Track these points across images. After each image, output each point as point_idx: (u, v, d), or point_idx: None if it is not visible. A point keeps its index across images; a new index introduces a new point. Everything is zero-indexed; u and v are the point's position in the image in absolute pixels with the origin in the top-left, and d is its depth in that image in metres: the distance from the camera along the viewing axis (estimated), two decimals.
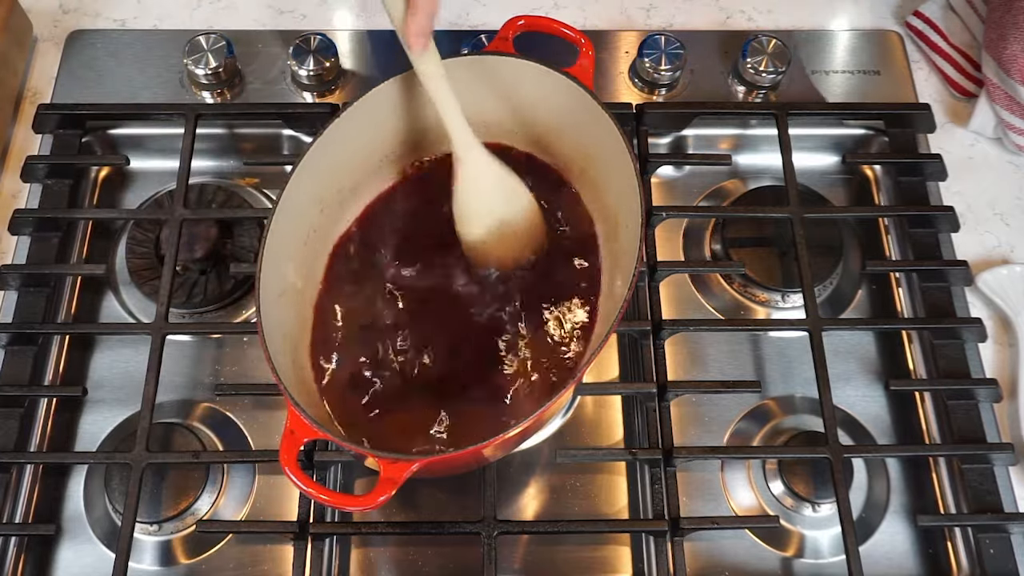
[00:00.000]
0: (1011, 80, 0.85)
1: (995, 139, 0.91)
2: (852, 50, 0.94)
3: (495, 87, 0.72)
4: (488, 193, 0.69)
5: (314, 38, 0.89)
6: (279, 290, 0.66)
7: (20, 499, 0.76)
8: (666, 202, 0.89)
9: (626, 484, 0.78)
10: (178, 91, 0.91)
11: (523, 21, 0.71)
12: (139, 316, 0.84)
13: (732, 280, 0.86)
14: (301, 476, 0.58)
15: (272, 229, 0.65)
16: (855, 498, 0.76)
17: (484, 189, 0.69)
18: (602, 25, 0.96)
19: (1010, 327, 0.82)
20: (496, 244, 0.70)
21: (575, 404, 0.81)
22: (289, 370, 0.64)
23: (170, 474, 0.75)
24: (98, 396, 0.81)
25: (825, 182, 0.91)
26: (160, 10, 0.96)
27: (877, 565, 0.75)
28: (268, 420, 0.80)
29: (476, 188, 0.68)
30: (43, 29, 0.96)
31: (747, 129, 0.91)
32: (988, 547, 0.73)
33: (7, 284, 0.81)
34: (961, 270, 0.82)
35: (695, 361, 0.83)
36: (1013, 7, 0.84)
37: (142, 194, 0.89)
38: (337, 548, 0.75)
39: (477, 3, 0.97)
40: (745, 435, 0.80)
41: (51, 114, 0.87)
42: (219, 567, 0.75)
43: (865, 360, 0.83)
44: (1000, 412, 0.79)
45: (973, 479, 0.75)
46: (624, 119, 0.87)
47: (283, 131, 0.90)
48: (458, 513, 0.75)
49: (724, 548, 0.76)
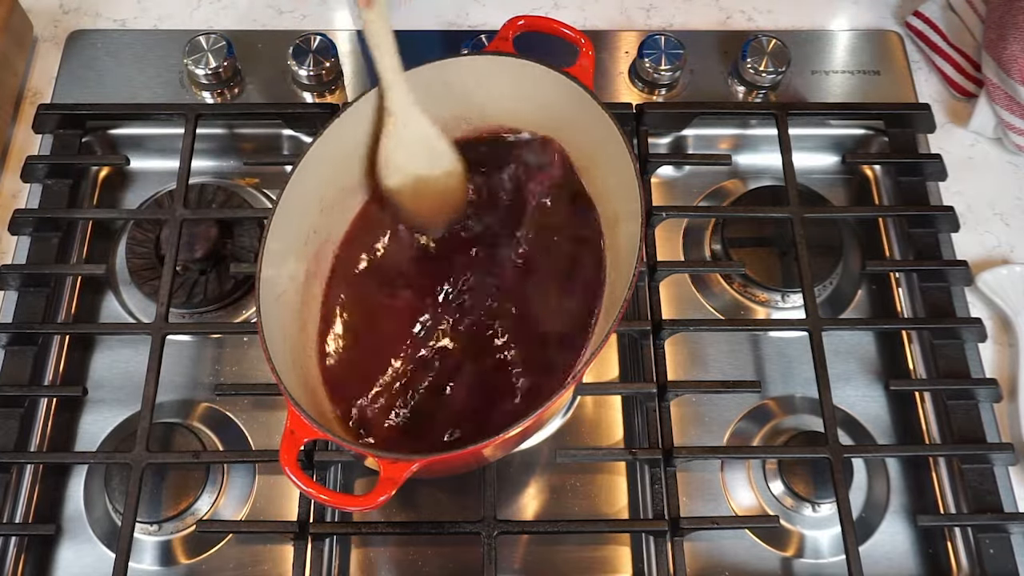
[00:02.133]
0: (1011, 80, 0.85)
1: (995, 139, 0.91)
2: (852, 50, 0.94)
3: (495, 87, 0.71)
4: (413, 150, 0.70)
5: (314, 38, 0.89)
6: (279, 290, 0.66)
7: (20, 499, 0.76)
8: (666, 202, 0.89)
9: (626, 484, 0.78)
10: (178, 91, 0.91)
11: (523, 21, 0.71)
12: (139, 316, 0.84)
13: (732, 280, 0.86)
14: (301, 476, 0.58)
15: (272, 229, 0.65)
16: (855, 498, 0.76)
17: (410, 145, 0.70)
18: (602, 25, 0.96)
19: (1010, 327, 0.82)
20: (412, 197, 0.72)
21: (575, 404, 0.81)
22: (289, 370, 0.64)
23: (170, 474, 0.75)
24: (98, 396, 0.81)
25: (825, 182, 0.91)
26: (160, 10, 0.96)
27: (877, 565, 0.75)
28: (268, 420, 0.80)
29: (402, 143, 0.70)
30: (43, 29, 0.96)
31: (747, 129, 0.91)
32: (988, 547, 0.73)
33: (7, 284, 0.81)
34: (961, 270, 0.82)
35: (695, 361, 0.83)
36: (1013, 7, 0.84)
37: (142, 194, 0.89)
38: (337, 548, 0.75)
39: (477, 3, 0.97)
40: (745, 435, 0.80)
41: (51, 114, 0.87)
42: (219, 567, 0.75)
43: (865, 360, 0.83)
44: (1000, 412, 0.79)
45: (973, 479, 0.75)
46: (624, 119, 0.87)
47: (283, 131, 0.90)
48: (458, 513, 0.75)
49: (724, 548, 0.76)
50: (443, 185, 0.72)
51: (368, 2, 0.65)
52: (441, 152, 0.71)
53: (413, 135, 0.70)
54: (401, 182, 0.72)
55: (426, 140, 0.70)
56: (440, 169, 0.72)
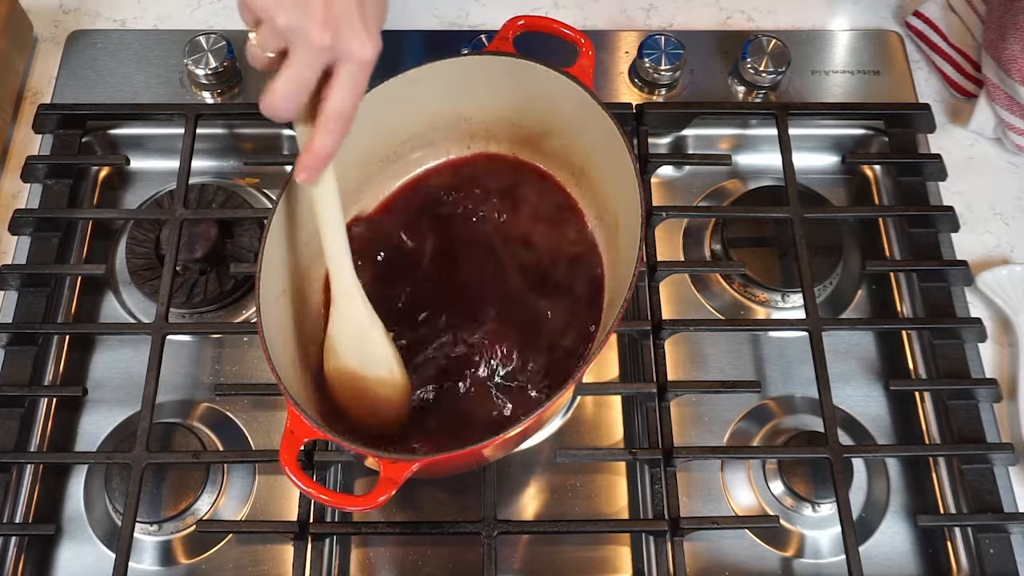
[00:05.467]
0: (1011, 80, 0.85)
1: (995, 139, 0.91)
2: (852, 50, 0.94)
3: (495, 87, 0.72)
4: (351, 345, 0.65)
5: None
6: (279, 290, 0.66)
7: (20, 499, 0.76)
8: (666, 202, 0.89)
9: (626, 484, 0.78)
10: (178, 91, 0.91)
11: (523, 21, 0.71)
12: (139, 316, 0.84)
13: (732, 280, 0.86)
14: (301, 476, 0.58)
15: (272, 229, 0.64)
16: (855, 498, 0.76)
17: (349, 339, 0.65)
18: (602, 25, 0.96)
19: (1010, 327, 0.82)
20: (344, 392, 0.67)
21: (575, 404, 0.81)
22: (289, 370, 0.64)
23: (170, 474, 0.75)
24: (98, 396, 0.81)
25: (825, 182, 0.91)
26: (160, 10, 0.96)
27: (877, 565, 0.75)
28: (268, 420, 0.80)
29: (342, 335, 0.65)
30: (43, 29, 0.96)
31: (747, 129, 0.91)
32: (988, 547, 0.73)
33: (7, 284, 0.81)
34: (961, 270, 0.82)
35: (695, 361, 0.83)
36: (1013, 7, 0.84)
37: (142, 194, 0.89)
38: (337, 548, 0.75)
39: (477, 3, 0.97)
40: (745, 435, 0.80)
41: (51, 114, 0.87)
42: (219, 567, 0.75)
43: (865, 360, 0.83)
44: (1000, 412, 0.79)
45: (973, 479, 0.75)
46: (624, 119, 0.87)
47: (283, 131, 0.90)
48: (458, 513, 0.75)
49: (724, 548, 0.76)
50: (378, 391, 0.66)
51: (311, 179, 0.60)
52: (382, 354, 0.65)
53: (353, 326, 0.65)
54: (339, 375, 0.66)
55: (364, 338, 0.65)
56: (376, 372, 0.65)
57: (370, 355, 0.65)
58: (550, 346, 0.69)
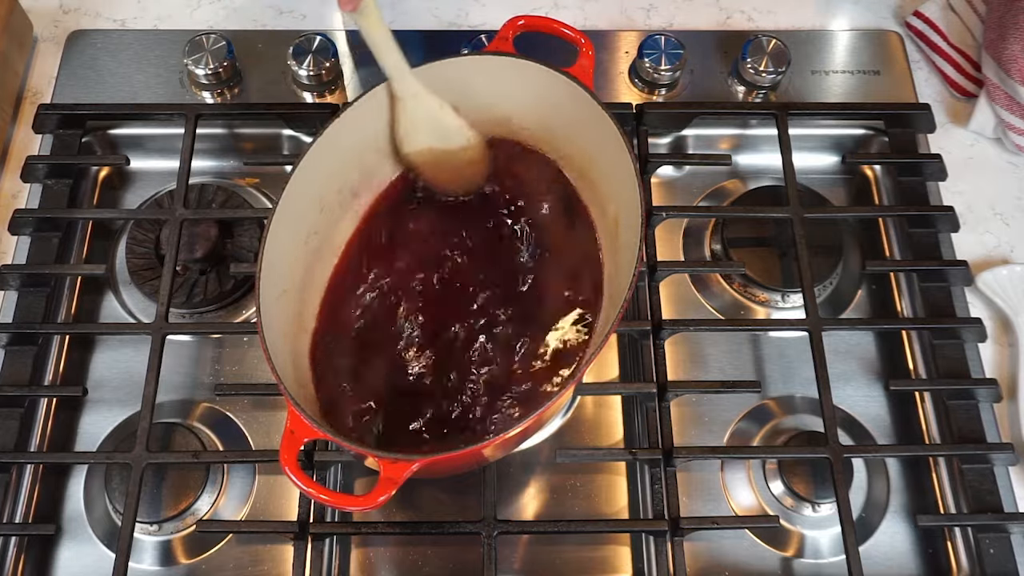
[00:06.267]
0: (1011, 80, 0.85)
1: (995, 139, 0.91)
2: (852, 50, 0.94)
3: (495, 87, 0.72)
4: (426, 127, 0.72)
5: (314, 38, 0.89)
6: (279, 290, 0.66)
7: (20, 499, 0.76)
8: (666, 202, 0.89)
9: (626, 484, 0.78)
10: (178, 91, 0.91)
11: (523, 21, 0.71)
12: (139, 316, 0.84)
13: (732, 280, 0.86)
14: (301, 476, 0.58)
15: (272, 229, 0.65)
16: (855, 498, 0.76)
17: (422, 124, 0.72)
18: (602, 25, 0.96)
19: (1010, 327, 0.82)
20: (432, 168, 0.74)
21: (575, 404, 0.81)
22: (289, 370, 0.64)
23: (170, 474, 0.75)
24: (98, 396, 0.81)
25: (825, 182, 0.91)
26: (160, 10, 0.96)
27: (877, 565, 0.75)
28: (268, 420, 0.80)
29: (414, 123, 0.72)
30: (43, 29, 0.96)
31: (747, 129, 0.91)
32: (988, 547, 0.73)
33: (7, 284, 0.81)
34: (961, 270, 0.82)
35: (695, 361, 0.83)
36: (1013, 7, 0.84)
37: (142, 194, 0.89)
38: (337, 548, 0.75)
39: (477, 3, 0.97)
40: (745, 435, 0.80)
41: (51, 114, 0.87)
42: (219, 567, 0.75)
43: (865, 360, 0.83)
44: (1000, 412, 0.79)
45: (973, 479, 0.75)
46: (624, 119, 0.87)
47: (283, 131, 0.90)
48: (458, 513, 0.75)
49: (724, 548, 0.76)
50: (460, 158, 0.74)
51: (354, 6, 0.65)
52: (454, 128, 0.73)
53: (424, 114, 0.71)
54: (419, 155, 0.73)
55: (437, 118, 0.72)
56: (455, 144, 0.73)
57: (448, 131, 0.72)
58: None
